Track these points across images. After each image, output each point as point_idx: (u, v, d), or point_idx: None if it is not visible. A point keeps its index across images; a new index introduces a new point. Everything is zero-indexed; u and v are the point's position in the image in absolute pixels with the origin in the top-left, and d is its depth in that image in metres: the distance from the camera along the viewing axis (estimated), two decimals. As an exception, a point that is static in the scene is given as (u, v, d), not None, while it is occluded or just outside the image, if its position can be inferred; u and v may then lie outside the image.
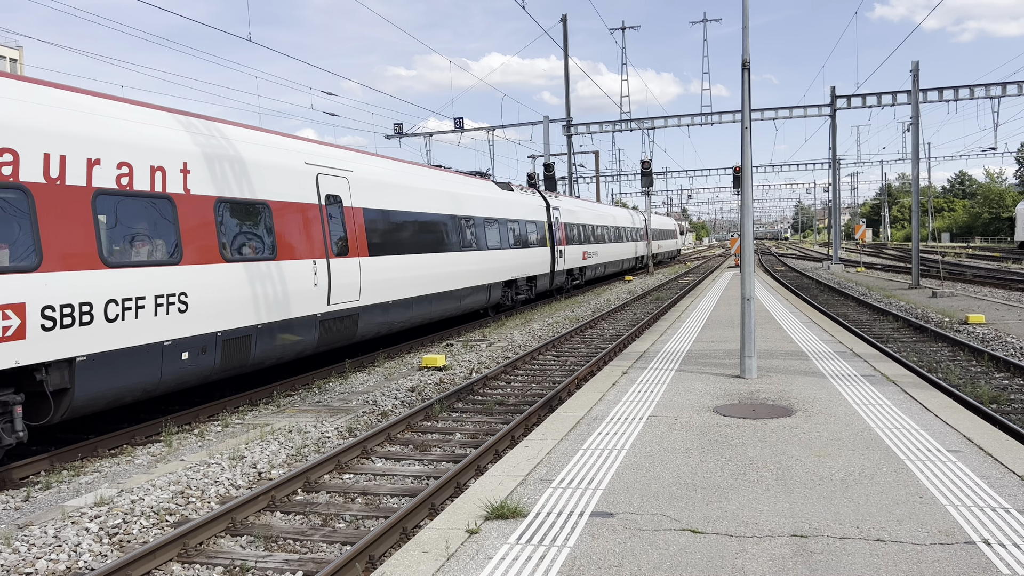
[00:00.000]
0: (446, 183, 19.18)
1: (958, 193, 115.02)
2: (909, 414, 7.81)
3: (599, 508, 5.38)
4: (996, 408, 9.78)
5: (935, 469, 6.02)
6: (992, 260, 48.61)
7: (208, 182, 10.44)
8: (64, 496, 7.48)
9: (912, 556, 4.44)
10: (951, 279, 31.72)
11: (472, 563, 4.55)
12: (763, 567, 4.35)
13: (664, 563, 4.45)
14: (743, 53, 10.19)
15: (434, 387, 12.49)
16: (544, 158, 42.27)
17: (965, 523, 4.91)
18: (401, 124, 45.18)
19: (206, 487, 7.50)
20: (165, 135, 9.95)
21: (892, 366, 10.74)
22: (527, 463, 6.52)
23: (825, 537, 4.76)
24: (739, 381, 9.87)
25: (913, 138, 30.27)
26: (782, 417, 7.88)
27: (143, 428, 9.81)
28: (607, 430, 7.55)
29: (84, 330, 8.31)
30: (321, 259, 12.66)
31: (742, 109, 10.33)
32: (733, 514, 5.19)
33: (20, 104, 8.09)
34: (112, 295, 8.67)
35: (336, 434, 9.60)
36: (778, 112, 41.52)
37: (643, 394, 9.24)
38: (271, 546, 6.23)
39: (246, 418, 10.65)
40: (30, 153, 7.93)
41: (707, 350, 12.67)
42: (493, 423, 10.09)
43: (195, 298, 9.88)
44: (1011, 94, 36.79)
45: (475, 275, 19.52)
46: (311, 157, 13.21)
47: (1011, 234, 74.16)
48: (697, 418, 7.95)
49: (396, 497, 7.34)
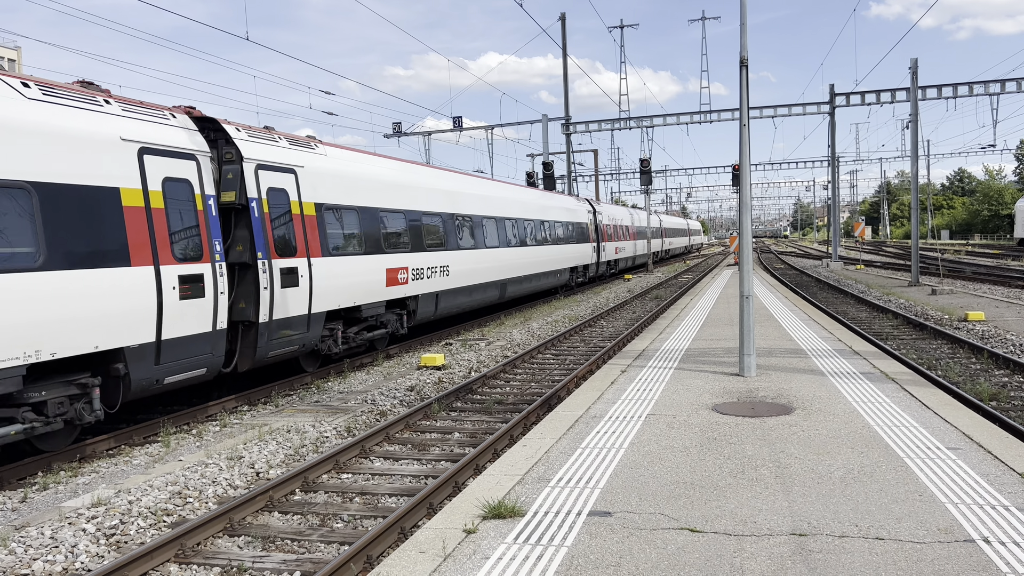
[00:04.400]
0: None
1: (957, 190, 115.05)
2: (908, 412, 7.79)
3: (597, 507, 5.36)
4: (996, 405, 9.77)
5: (934, 467, 6.00)
6: (991, 257, 48.59)
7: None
8: (61, 497, 7.46)
9: (911, 554, 4.42)
10: (950, 276, 31.70)
11: (469, 563, 4.53)
12: (762, 566, 4.33)
13: (662, 562, 4.43)
14: (741, 51, 10.17)
15: (433, 386, 12.47)
16: (543, 157, 42.24)
17: (965, 521, 4.89)
18: (400, 123, 45.22)
19: (204, 487, 7.48)
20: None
21: (891, 364, 10.72)
22: (525, 462, 6.50)
23: (824, 536, 4.74)
24: (738, 379, 9.86)
25: (912, 135, 30.24)
26: (781, 415, 7.86)
27: (141, 428, 9.79)
28: (605, 429, 7.53)
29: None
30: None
31: (740, 107, 10.31)
32: (732, 513, 5.17)
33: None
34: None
35: (334, 434, 9.58)
36: (777, 110, 41.51)
37: (642, 392, 9.22)
38: (269, 546, 6.21)
39: (244, 418, 10.64)
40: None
41: (706, 348, 12.66)
42: (492, 422, 10.07)
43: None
44: (1010, 91, 36.79)
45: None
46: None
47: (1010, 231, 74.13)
48: (696, 416, 7.93)
49: (394, 497, 7.32)
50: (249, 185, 11.22)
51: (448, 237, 18.20)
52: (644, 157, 41.57)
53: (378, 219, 14.95)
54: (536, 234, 25.58)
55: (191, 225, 10.07)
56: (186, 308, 9.78)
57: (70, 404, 8.49)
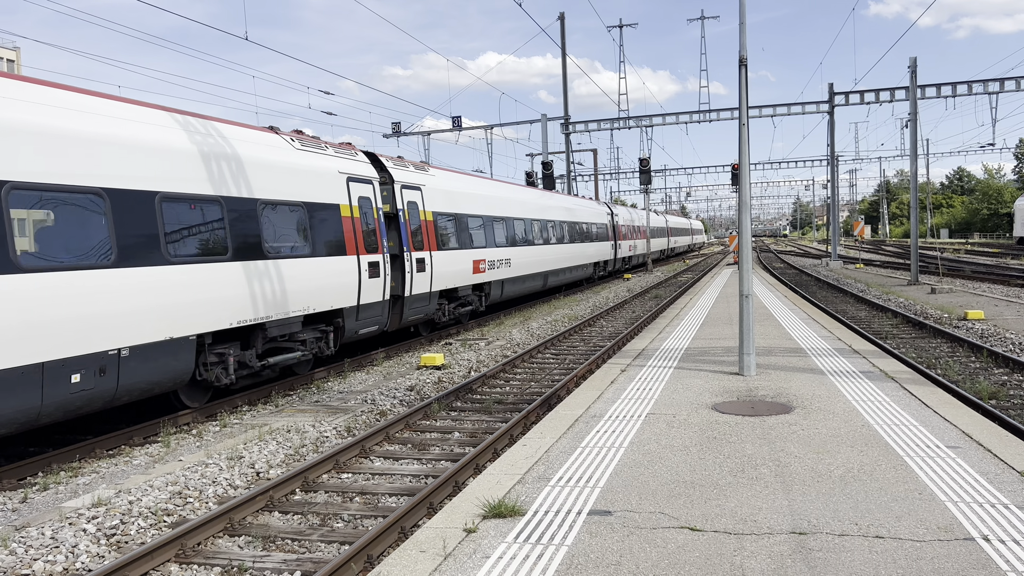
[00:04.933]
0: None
1: (957, 189, 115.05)
2: (908, 410, 7.80)
3: (597, 506, 5.37)
4: (995, 404, 9.78)
5: (934, 465, 6.01)
6: (991, 256, 48.60)
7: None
8: (62, 497, 7.46)
9: (911, 553, 4.43)
10: (950, 275, 31.72)
11: (470, 562, 4.53)
12: (762, 564, 4.34)
13: (662, 561, 4.44)
14: (740, 50, 10.17)
15: (433, 386, 12.48)
16: (542, 156, 42.25)
17: (964, 519, 4.89)
18: (399, 123, 45.19)
19: (204, 487, 7.48)
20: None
21: (891, 362, 10.72)
22: (525, 461, 6.50)
23: (824, 534, 4.74)
24: (738, 378, 9.86)
25: (911, 134, 30.26)
26: (781, 414, 7.87)
27: (141, 429, 9.79)
28: (605, 428, 7.54)
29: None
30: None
31: (739, 106, 10.32)
32: (732, 511, 5.18)
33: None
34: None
35: (334, 434, 9.58)
36: (776, 109, 41.51)
37: (641, 392, 9.23)
38: (269, 546, 6.22)
39: (244, 418, 10.64)
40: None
41: (706, 347, 12.66)
42: (492, 422, 10.08)
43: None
44: (1009, 90, 36.79)
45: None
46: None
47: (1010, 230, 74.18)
48: (696, 415, 7.94)
49: (394, 496, 7.32)
50: (398, 199, 16.02)
51: (510, 236, 23.04)
52: (643, 156, 41.51)
53: (466, 222, 19.72)
54: (570, 234, 30.81)
55: (371, 228, 14.47)
56: (370, 284, 14.14)
57: (316, 343, 12.86)
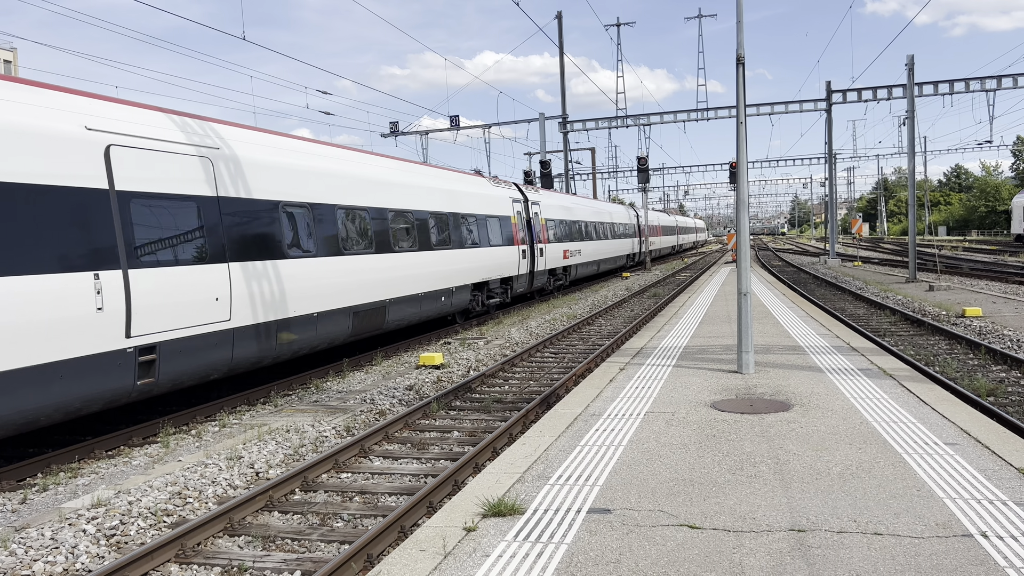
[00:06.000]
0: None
1: (954, 187, 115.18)
2: (906, 408, 7.82)
3: (596, 504, 5.38)
4: (993, 401, 9.80)
5: (932, 462, 6.02)
6: (989, 253, 48.66)
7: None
8: (61, 498, 7.46)
9: (910, 549, 4.44)
10: (948, 273, 31.76)
11: (470, 561, 4.54)
12: (761, 562, 4.35)
13: (662, 559, 4.45)
14: (738, 48, 10.18)
15: (432, 385, 12.48)
16: (541, 155, 42.26)
17: (963, 516, 4.91)
18: (397, 123, 45.16)
19: (204, 487, 7.49)
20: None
21: (889, 360, 10.74)
22: (524, 460, 6.51)
23: (823, 531, 4.75)
24: (736, 376, 9.88)
25: (909, 132, 30.29)
26: (779, 412, 7.88)
27: (140, 429, 9.79)
28: (604, 426, 7.55)
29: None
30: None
31: (737, 104, 10.32)
32: (731, 509, 5.19)
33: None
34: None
35: (334, 433, 9.59)
36: (773, 107, 41.56)
37: (640, 390, 9.24)
38: (269, 546, 6.22)
39: (243, 418, 10.64)
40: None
41: (704, 346, 12.68)
42: (491, 421, 10.09)
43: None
44: (1006, 87, 36.86)
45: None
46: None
47: (1007, 227, 74.27)
48: (694, 414, 7.95)
49: (394, 496, 7.33)
50: (531, 210, 25.47)
51: (582, 233, 32.37)
52: (641, 155, 41.55)
53: (559, 223, 28.97)
54: (611, 232, 39.53)
55: (522, 229, 23.97)
56: (522, 263, 23.79)
57: (503, 294, 22.53)
